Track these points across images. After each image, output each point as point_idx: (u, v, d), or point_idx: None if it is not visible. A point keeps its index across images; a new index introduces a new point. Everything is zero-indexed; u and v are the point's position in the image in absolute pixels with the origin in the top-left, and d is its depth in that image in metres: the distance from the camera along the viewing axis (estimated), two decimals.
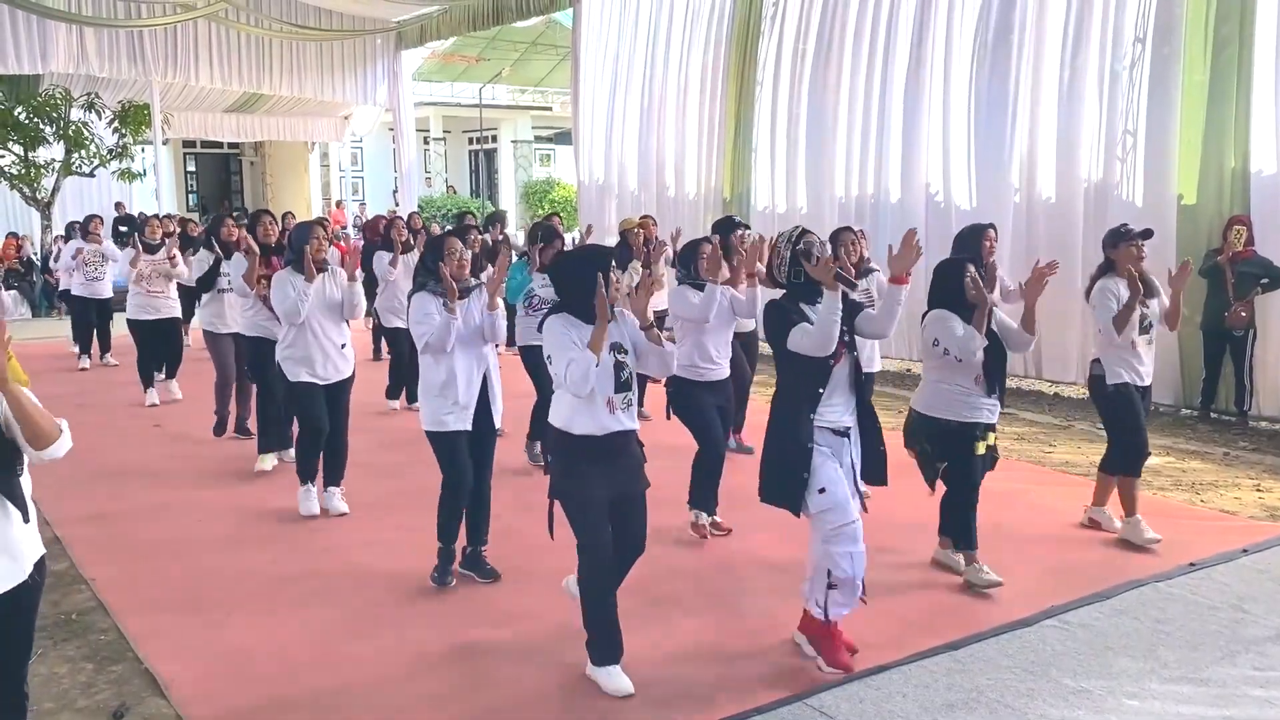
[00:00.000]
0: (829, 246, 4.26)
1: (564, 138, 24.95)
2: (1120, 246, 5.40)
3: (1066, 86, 9.12)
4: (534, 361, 6.50)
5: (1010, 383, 6.22)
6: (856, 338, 4.12)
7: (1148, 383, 5.48)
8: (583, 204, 15.44)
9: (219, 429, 7.91)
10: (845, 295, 4.03)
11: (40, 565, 3.03)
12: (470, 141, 29.52)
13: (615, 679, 3.83)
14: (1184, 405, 8.60)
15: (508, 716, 3.69)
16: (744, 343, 6.83)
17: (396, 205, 21.27)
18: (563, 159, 27.32)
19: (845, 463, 4.05)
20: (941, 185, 10.14)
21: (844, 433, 4.06)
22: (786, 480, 4.00)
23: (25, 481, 2.94)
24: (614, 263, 3.88)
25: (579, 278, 3.84)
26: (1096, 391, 5.57)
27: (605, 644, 3.88)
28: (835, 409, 4.03)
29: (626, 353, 3.92)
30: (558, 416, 3.91)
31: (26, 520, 2.93)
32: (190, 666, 4.06)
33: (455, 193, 27.68)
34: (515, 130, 28.81)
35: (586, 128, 14.98)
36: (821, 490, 3.94)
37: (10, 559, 2.90)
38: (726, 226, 6.68)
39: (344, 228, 23.31)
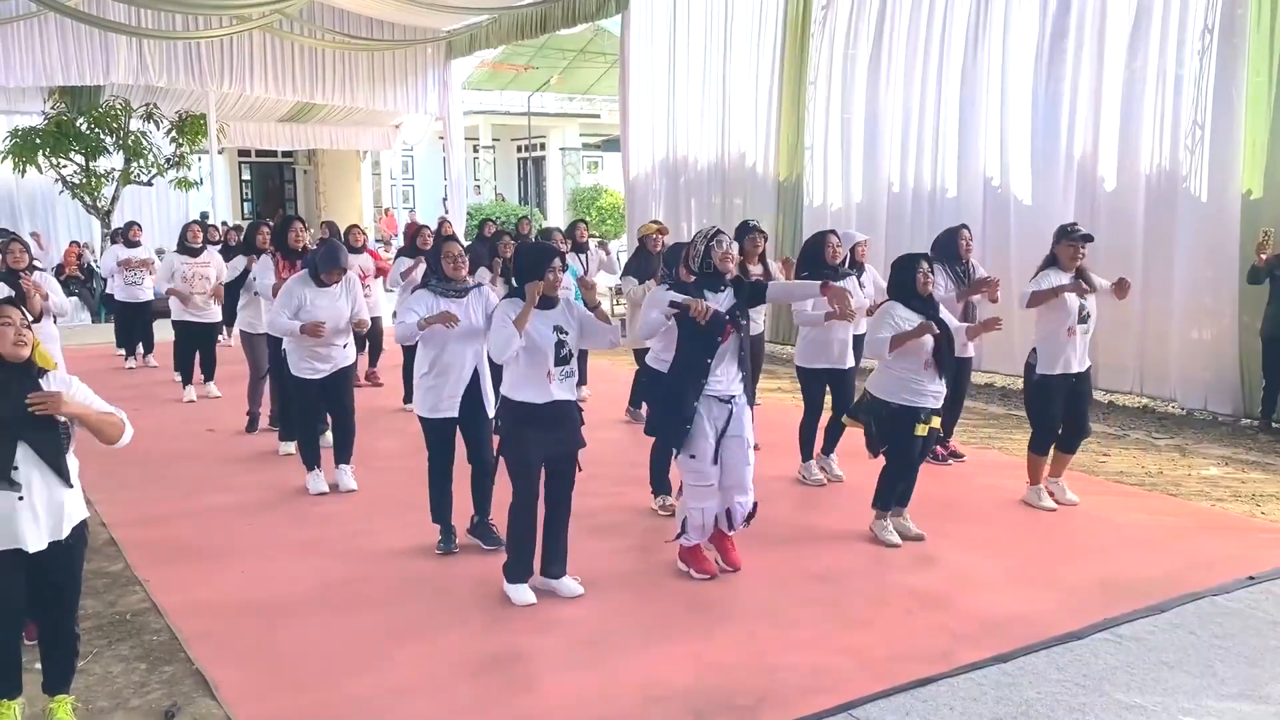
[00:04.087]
0: (725, 243, 4.88)
1: (611, 145, 25.04)
2: (1062, 243, 5.97)
3: (1129, 78, 8.93)
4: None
5: None
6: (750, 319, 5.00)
7: (1084, 368, 6.03)
8: (630, 209, 15.47)
9: (251, 425, 8.29)
10: (740, 283, 4.92)
11: (79, 529, 3.53)
12: (519, 149, 29.74)
13: (521, 593, 4.73)
14: (1244, 415, 8.40)
15: None
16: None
17: (446, 213, 21.46)
18: (610, 166, 27.43)
19: (721, 427, 4.83)
20: (1001, 178, 10.00)
21: (728, 400, 4.84)
22: (671, 423, 4.86)
23: (72, 458, 3.47)
24: (557, 260, 4.65)
25: (528, 269, 4.66)
26: (1026, 378, 6.16)
27: (518, 568, 4.75)
28: (720, 380, 4.82)
29: (567, 333, 4.68)
30: (505, 385, 4.71)
31: (70, 485, 3.44)
32: (239, 669, 4.11)
33: (504, 200, 27.87)
34: (563, 138, 28.96)
35: (634, 133, 15.01)
36: (691, 456, 4.84)
37: (53, 520, 3.41)
38: (741, 231, 6.87)
39: (394, 235, 23.59)
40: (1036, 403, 6.12)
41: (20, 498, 3.31)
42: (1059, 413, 6.04)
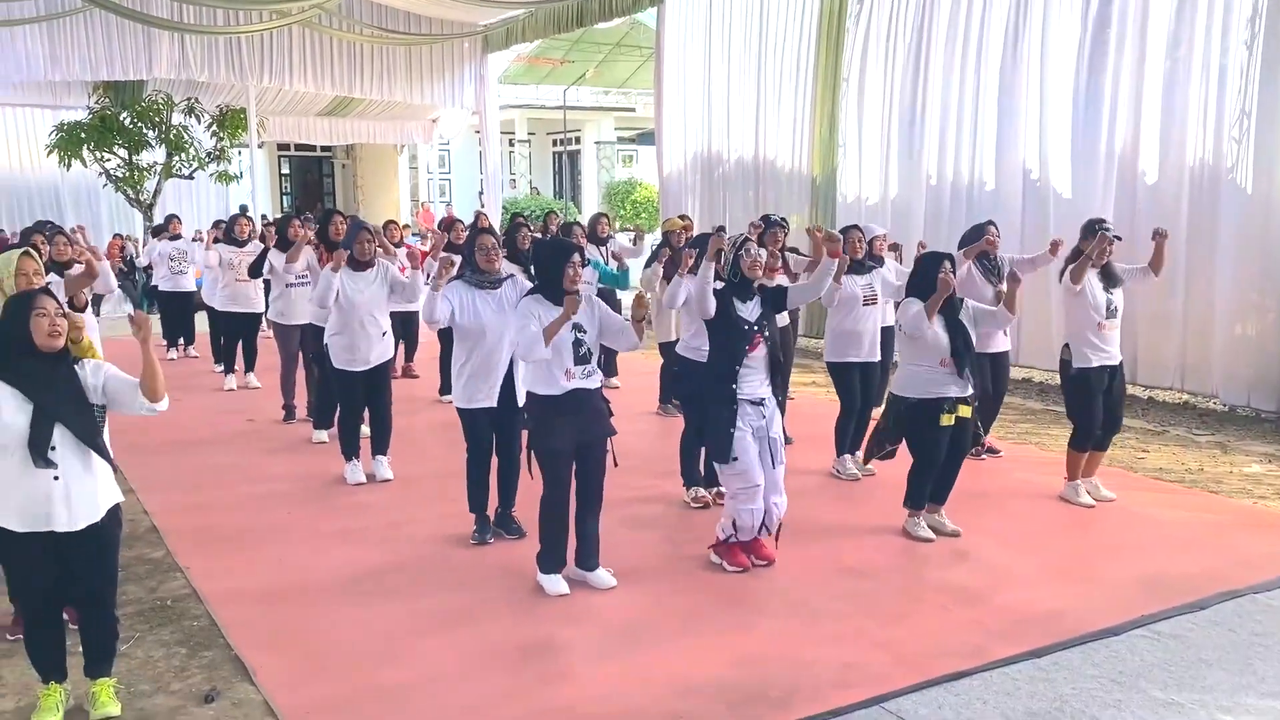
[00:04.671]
0: (754, 251, 5.01)
1: (646, 138, 24.99)
2: (1096, 237, 5.92)
3: (1171, 68, 8.80)
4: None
5: None
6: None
7: (1117, 361, 6.00)
8: (664, 203, 15.46)
9: (288, 416, 8.49)
10: (765, 290, 5.04)
11: (114, 511, 3.61)
12: (554, 143, 29.76)
13: (555, 584, 4.77)
14: None
15: (583, 711, 3.71)
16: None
17: (482, 207, 21.55)
18: (645, 159, 27.35)
19: (759, 425, 4.90)
20: (1040, 170, 9.88)
21: (760, 402, 4.92)
22: (716, 435, 4.88)
23: (107, 439, 3.58)
24: (576, 256, 4.70)
25: (546, 266, 4.74)
26: (1062, 374, 6.09)
27: (551, 559, 4.80)
28: (751, 384, 4.90)
29: (586, 331, 4.73)
30: (527, 380, 4.84)
31: (109, 460, 3.55)
32: (277, 654, 4.17)
33: (539, 194, 27.94)
34: (599, 131, 28.94)
35: (668, 127, 15.00)
36: (734, 459, 4.84)
37: (87, 502, 3.49)
38: (765, 224, 6.90)
39: (430, 228, 23.70)
40: (1076, 398, 6.06)
41: (56, 477, 3.39)
42: (1099, 407, 5.98)
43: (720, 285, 4.97)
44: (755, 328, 4.90)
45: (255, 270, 8.59)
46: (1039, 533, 5.66)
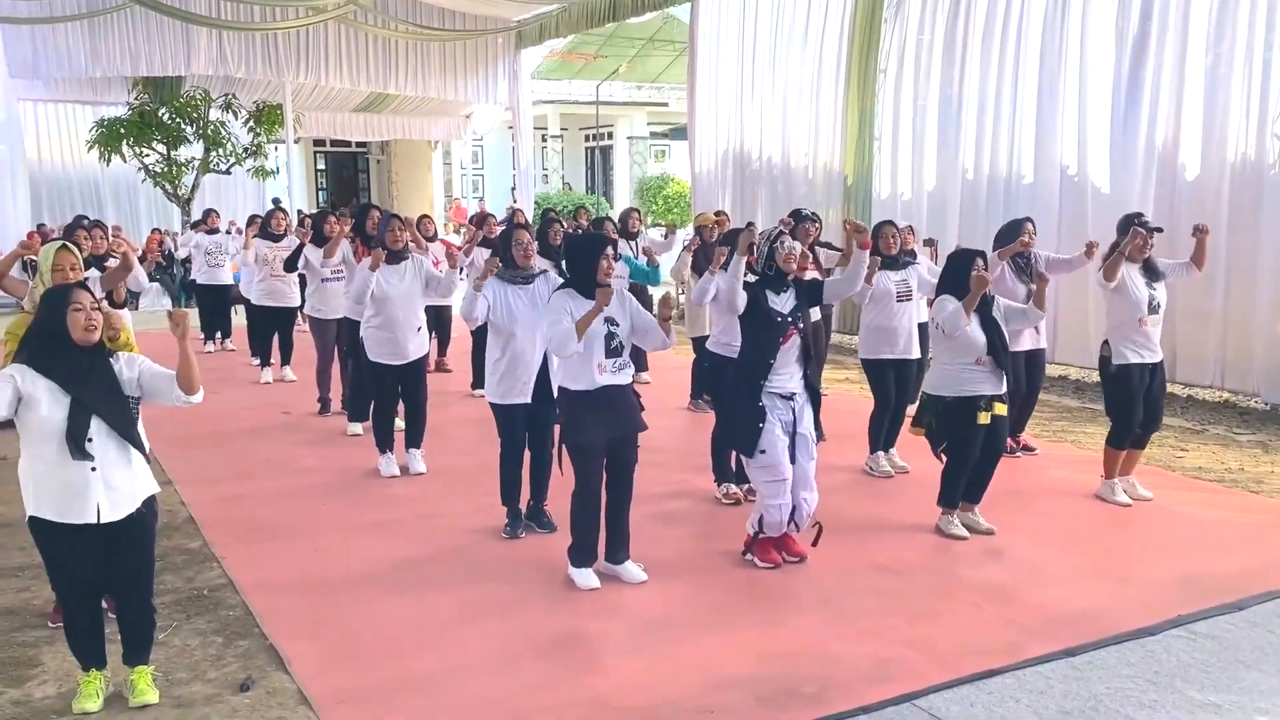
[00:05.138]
0: (788, 244, 4.96)
1: (679, 133, 24.96)
2: (1129, 234, 5.84)
3: (1214, 61, 8.65)
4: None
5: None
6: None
7: (1158, 359, 5.94)
8: (696, 198, 15.43)
9: (323, 409, 8.55)
10: (800, 283, 5.00)
11: (150, 501, 3.66)
12: (587, 138, 29.80)
13: (586, 578, 4.77)
14: None
15: (616, 702, 3.72)
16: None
17: (514, 202, 21.62)
18: (677, 154, 27.32)
19: (787, 420, 4.86)
20: (1078, 165, 9.77)
21: (790, 396, 4.88)
22: (744, 430, 4.84)
23: (141, 431, 3.63)
24: (609, 248, 4.72)
25: (579, 259, 4.73)
26: (1102, 371, 6.03)
27: (582, 553, 4.80)
28: (783, 377, 4.86)
29: (618, 325, 4.72)
30: (559, 375, 4.84)
31: (145, 452, 3.61)
32: (311, 644, 4.21)
33: (571, 189, 27.98)
34: (631, 126, 28.94)
35: (701, 122, 14.97)
36: (762, 451, 4.80)
37: (125, 493, 3.55)
38: (794, 219, 6.85)
39: (463, 224, 23.82)
40: (1116, 395, 5.99)
41: (93, 468, 3.44)
42: (1139, 405, 5.91)
43: (753, 278, 4.95)
44: (789, 320, 4.86)
45: (290, 264, 8.68)
46: (1074, 531, 5.61)
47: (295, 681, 3.90)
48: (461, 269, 7.88)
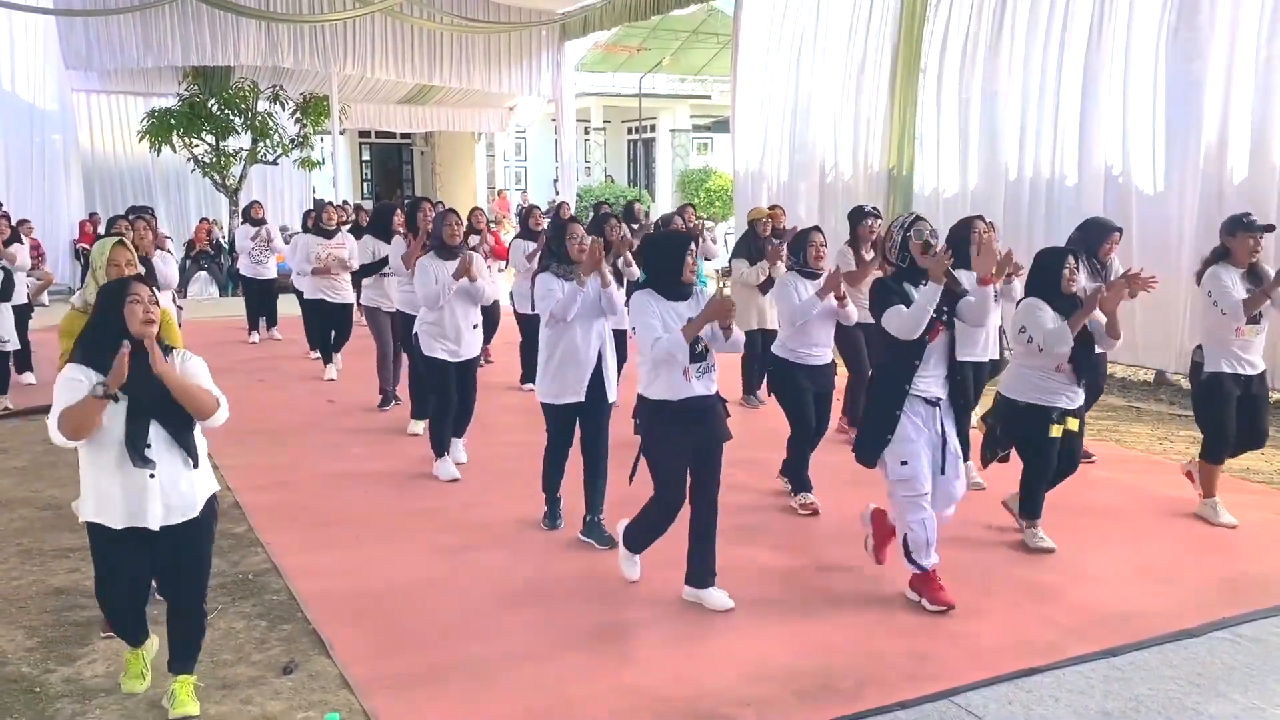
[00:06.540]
0: (926, 231, 4.49)
1: (721, 126, 24.90)
2: (1238, 235, 5.38)
3: (1265, 59, 8.43)
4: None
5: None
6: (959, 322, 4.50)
7: (1257, 370, 5.52)
8: (738, 191, 15.40)
9: (384, 403, 8.47)
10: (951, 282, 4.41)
11: (210, 501, 3.59)
12: (629, 131, 29.83)
13: (633, 566, 4.71)
14: None
15: (656, 694, 3.75)
16: (866, 334, 6.67)
17: (557, 194, 21.70)
18: (720, 148, 27.28)
19: (935, 429, 4.44)
20: (1122, 165, 9.61)
21: (935, 402, 4.44)
22: (873, 440, 4.46)
23: (199, 437, 3.55)
24: (693, 245, 4.43)
25: (662, 260, 4.41)
26: (1193, 377, 5.68)
27: (640, 541, 4.63)
28: (929, 380, 4.42)
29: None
30: (640, 383, 4.48)
31: (196, 466, 3.49)
32: (353, 629, 4.28)
33: (613, 182, 28.02)
34: (674, 119, 28.93)
35: (744, 114, 14.92)
36: (903, 463, 4.38)
37: (184, 498, 3.47)
38: (856, 216, 6.69)
39: (506, 215, 23.96)
40: (1207, 405, 5.59)
41: (152, 475, 3.37)
42: (1232, 417, 5.51)
43: (883, 273, 4.58)
44: (935, 315, 4.34)
45: (370, 271, 8.31)
46: (1118, 532, 5.54)
47: (337, 666, 3.96)
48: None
